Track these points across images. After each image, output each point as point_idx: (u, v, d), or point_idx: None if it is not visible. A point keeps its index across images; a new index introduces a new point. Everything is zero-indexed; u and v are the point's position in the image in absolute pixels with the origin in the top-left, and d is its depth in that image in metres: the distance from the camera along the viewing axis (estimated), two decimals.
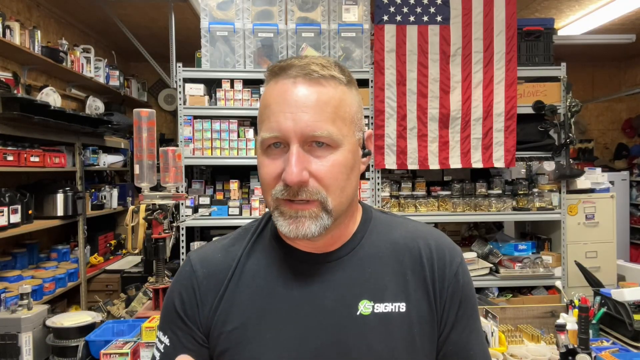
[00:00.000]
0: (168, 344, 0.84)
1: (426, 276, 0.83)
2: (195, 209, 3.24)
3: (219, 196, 3.35)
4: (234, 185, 3.35)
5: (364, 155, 0.85)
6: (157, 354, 0.86)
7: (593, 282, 2.51)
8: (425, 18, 3.40)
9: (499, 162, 3.44)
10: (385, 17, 3.39)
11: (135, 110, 2.10)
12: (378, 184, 3.46)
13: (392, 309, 0.80)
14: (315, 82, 0.76)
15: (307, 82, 0.76)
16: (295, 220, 0.76)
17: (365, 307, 0.80)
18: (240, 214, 3.25)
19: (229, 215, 3.26)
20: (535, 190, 3.61)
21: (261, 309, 0.81)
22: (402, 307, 0.81)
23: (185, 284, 0.85)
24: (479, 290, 3.42)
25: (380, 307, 0.80)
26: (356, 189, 0.83)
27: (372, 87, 3.42)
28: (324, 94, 0.77)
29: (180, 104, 3.27)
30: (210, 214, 3.22)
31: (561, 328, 1.65)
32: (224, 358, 0.81)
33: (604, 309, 1.95)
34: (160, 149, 2.19)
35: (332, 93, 0.77)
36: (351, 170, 0.79)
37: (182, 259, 3.24)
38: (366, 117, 3.41)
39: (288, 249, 0.84)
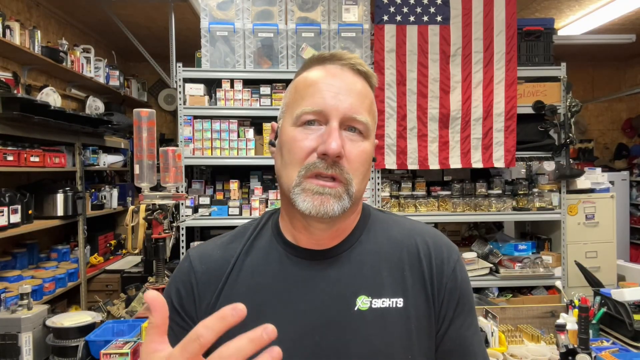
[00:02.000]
0: None
1: (424, 272, 0.84)
2: (195, 209, 3.24)
3: (219, 196, 3.35)
4: (234, 185, 3.35)
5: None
6: None
7: (593, 282, 2.51)
8: (425, 18, 3.41)
9: (499, 162, 3.45)
10: (385, 17, 3.39)
11: (135, 110, 2.10)
12: (378, 184, 3.46)
13: (389, 304, 0.81)
14: (359, 74, 0.84)
15: (354, 72, 0.83)
16: (320, 197, 0.77)
17: (362, 302, 0.81)
18: (240, 214, 3.25)
19: (229, 215, 3.26)
20: (535, 190, 3.61)
21: (259, 305, 0.81)
22: (399, 302, 0.81)
23: (183, 279, 0.86)
24: (479, 290, 3.42)
25: (378, 303, 0.81)
26: (367, 184, 0.87)
27: None
28: (365, 87, 0.84)
29: (180, 104, 3.27)
30: (210, 214, 3.22)
31: (561, 328, 1.66)
32: None
33: (604, 309, 1.95)
34: (160, 149, 2.19)
35: (369, 89, 0.85)
36: (370, 163, 0.84)
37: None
38: None
39: (288, 246, 0.85)
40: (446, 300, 0.84)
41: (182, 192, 2.30)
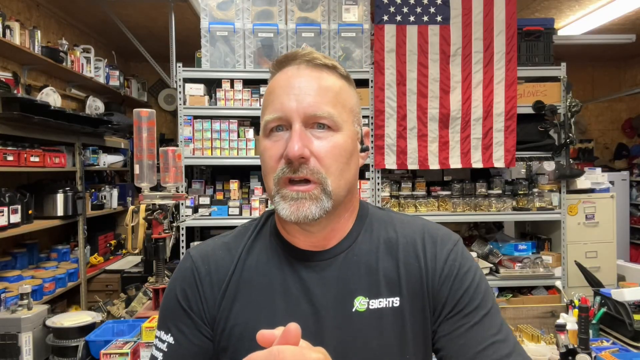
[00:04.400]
0: (172, 342, 0.83)
1: (420, 268, 0.83)
2: (195, 209, 3.24)
3: (219, 196, 3.35)
4: (234, 185, 3.35)
5: (362, 150, 0.87)
6: (159, 355, 0.83)
7: (593, 282, 2.51)
8: (425, 18, 3.40)
9: (499, 162, 3.44)
10: (385, 17, 3.39)
11: (135, 110, 2.10)
12: (378, 184, 3.46)
13: (386, 304, 0.81)
14: (318, 69, 0.82)
15: (311, 68, 0.81)
16: (296, 202, 0.76)
17: (360, 303, 0.80)
18: (240, 214, 3.25)
19: (229, 215, 3.26)
20: (535, 190, 3.61)
21: (261, 306, 0.81)
22: (395, 302, 0.81)
23: (187, 280, 0.85)
24: None
25: (375, 303, 0.81)
26: (355, 179, 0.84)
27: (372, 87, 3.42)
28: (326, 80, 0.81)
29: (180, 104, 3.27)
30: (210, 214, 3.22)
31: (561, 328, 1.66)
32: (226, 354, 0.82)
33: (604, 309, 1.95)
34: (160, 149, 2.19)
35: (333, 81, 0.82)
36: (350, 155, 0.81)
37: None
38: (366, 117, 3.41)
39: (287, 246, 0.85)
40: (443, 292, 0.81)
41: (182, 192, 2.30)
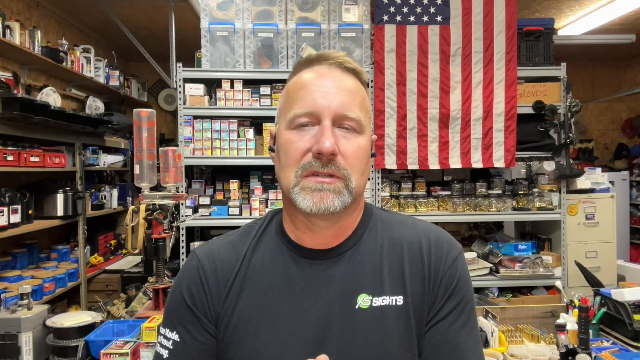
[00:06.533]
0: (178, 340, 0.84)
1: (424, 269, 0.85)
2: (195, 209, 3.24)
3: (219, 196, 3.35)
4: (234, 185, 3.35)
5: (371, 156, 0.89)
6: (165, 352, 0.85)
7: (593, 282, 2.51)
8: (425, 18, 3.40)
9: (499, 162, 3.44)
10: (385, 17, 3.39)
11: (135, 110, 2.10)
12: (378, 184, 3.46)
13: (389, 302, 0.82)
14: (348, 71, 0.85)
15: (342, 70, 0.85)
16: (319, 193, 0.78)
17: (363, 300, 0.82)
18: (240, 214, 3.25)
19: (229, 215, 3.26)
20: (535, 190, 3.61)
21: (264, 304, 0.83)
22: (399, 300, 0.82)
23: (193, 278, 0.87)
24: (479, 290, 3.41)
25: (378, 301, 0.82)
26: (367, 180, 0.88)
27: (372, 87, 3.42)
28: (355, 83, 0.86)
29: (180, 104, 3.27)
30: (210, 214, 3.22)
31: (561, 328, 1.65)
32: (228, 351, 0.83)
33: (604, 309, 1.95)
34: (160, 149, 2.19)
35: (360, 86, 0.87)
36: (368, 158, 0.86)
37: (182, 259, 3.24)
38: None
39: (292, 245, 0.87)
40: (440, 295, 0.84)
41: (182, 192, 2.30)
